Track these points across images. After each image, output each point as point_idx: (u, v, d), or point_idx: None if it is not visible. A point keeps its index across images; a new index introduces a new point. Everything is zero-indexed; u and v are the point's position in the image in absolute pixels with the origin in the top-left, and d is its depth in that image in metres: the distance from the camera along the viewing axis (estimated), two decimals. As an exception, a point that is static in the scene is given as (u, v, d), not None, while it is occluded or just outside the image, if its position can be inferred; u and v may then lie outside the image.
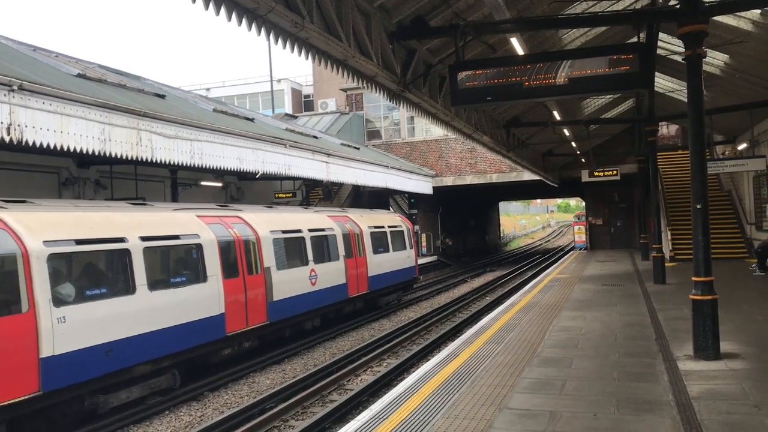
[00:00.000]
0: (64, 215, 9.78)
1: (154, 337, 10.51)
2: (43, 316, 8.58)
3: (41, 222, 9.15)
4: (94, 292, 9.65)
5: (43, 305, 8.60)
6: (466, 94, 8.89)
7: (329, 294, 16.71)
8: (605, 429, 5.90)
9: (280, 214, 15.88)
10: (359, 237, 19.03)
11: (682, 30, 8.45)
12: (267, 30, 7.19)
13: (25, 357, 8.32)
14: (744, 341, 9.30)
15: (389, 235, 21.26)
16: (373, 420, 6.54)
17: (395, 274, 21.29)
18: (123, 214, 10.96)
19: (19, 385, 8.21)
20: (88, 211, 10.36)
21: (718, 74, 17.75)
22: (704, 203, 8.48)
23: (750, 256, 21.77)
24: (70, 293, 9.18)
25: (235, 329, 12.66)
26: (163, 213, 12.02)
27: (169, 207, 12.89)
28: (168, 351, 10.87)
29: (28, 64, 12.53)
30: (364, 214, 20.98)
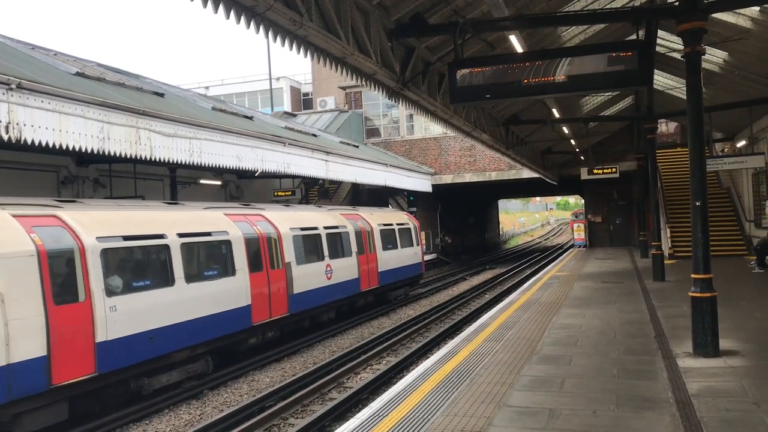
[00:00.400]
0: (110, 213, 10.71)
1: (191, 326, 11.45)
2: (98, 305, 9.55)
3: (92, 220, 10.09)
4: (139, 283, 10.61)
5: (97, 295, 9.57)
6: (465, 91, 8.87)
7: (343, 288, 17.66)
8: (605, 426, 5.91)
9: (298, 213, 16.86)
10: (370, 234, 19.95)
11: (681, 27, 8.44)
12: (265, 28, 7.17)
13: (84, 341, 9.26)
14: (743, 338, 9.31)
15: (397, 232, 22.17)
16: (372, 418, 6.54)
17: (403, 270, 22.21)
18: (161, 212, 11.90)
19: (79, 366, 9.15)
20: (130, 210, 11.36)
21: (717, 71, 17.74)
22: (703, 200, 8.48)
23: (749, 253, 21.78)
24: (119, 285, 10.12)
25: (260, 320, 13.54)
26: (195, 211, 12.92)
27: (199, 206, 13.65)
28: (202, 339, 11.79)
29: (27, 62, 12.51)
30: (374, 212, 21.95)
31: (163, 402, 10.83)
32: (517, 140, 22.32)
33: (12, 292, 8.32)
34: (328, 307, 16.97)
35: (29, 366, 8.42)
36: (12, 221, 8.83)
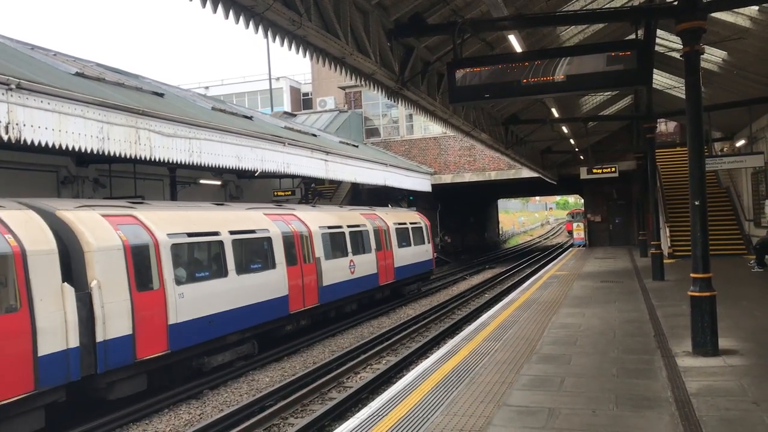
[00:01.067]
0: (173, 213, 12.15)
1: (241, 312, 12.91)
2: (170, 292, 11.07)
3: (161, 219, 11.55)
4: (200, 274, 12.15)
5: (169, 284, 11.10)
6: (464, 91, 8.88)
7: (364, 282, 19.21)
8: (604, 425, 5.91)
9: (324, 212, 18.42)
10: (386, 232, 21.49)
11: (680, 27, 8.45)
12: (265, 28, 7.18)
13: (159, 323, 10.81)
14: (742, 338, 9.31)
15: (411, 230, 23.72)
16: (372, 417, 6.55)
17: (416, 266, 23.71)
18: (213, 212, 13.45)
19: (156, 344, 10.70)
20: (187, 210, 12.82)
21: (717, 71, 17.74)
22: (702, 200, 8.49)
23: (748, 252, 21.79)
24: (184, 275, 11.61)
25: (296, 309, 15.08)
26: (239, 211, 14.38)
27: (242, 206, 15.23)
28: (250, 324, 13.27)
29: (26, 62, 12.51)
30: (389, 212, 23.54)
31: (162, 402, 10.85)
32: (516, 140, 22.32)
33: (106, 279, 9.86)
34: (352, 299, 18.56)
35: (120, 342, 9.99)
36: (102, 221, 10.33)
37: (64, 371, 9.04)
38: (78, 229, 9.83)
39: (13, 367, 8.32)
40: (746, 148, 21.81)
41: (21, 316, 8.50)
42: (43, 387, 8.70)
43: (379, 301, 21.04)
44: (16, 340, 8.39)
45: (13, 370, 8.30)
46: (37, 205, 9.91)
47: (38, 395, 8.67)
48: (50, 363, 8.80)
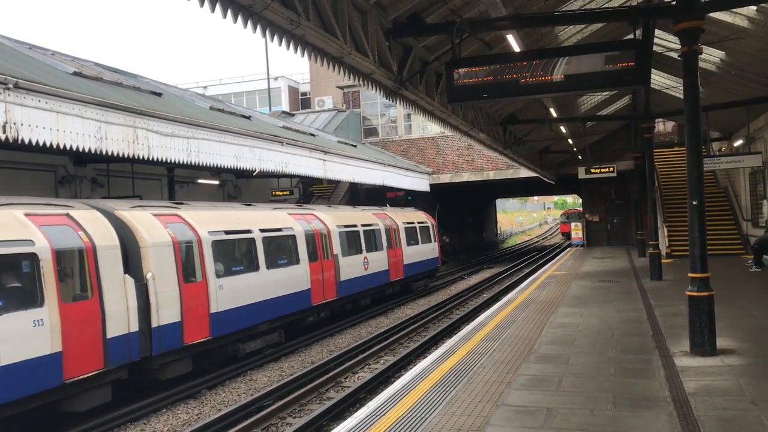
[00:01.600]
0: (211, 213, 13.33)
1: (270, 304, 14.04)
2: (211, 284, 12.21)
3: (202, 218, 12.74)
4: (236, 268, 13.29)
5: (210, 276, 12.25)
6: (462, 91, 8.88)
7: (377, 278, 20.33)
8: (602, 425, 5.92)
9: (340, 212, 19.65)
10: (396, 231, 22.59)
11: (679, 27, 8.46)
12: (263, 27, 7.17)
13: (202, 312, 11.94)
14: (740, 337, 9.33)
15: (418, 229, 24.87)
16: (370, 417, 6.55)
17: (423, 263, 24.90)
18: (244, 212, 14.69)
19: (199, 331, 11.84)
20: (222, 210, 14.03)
21: (714, 71, 17.76)
22: (700, 200, 8.50)
23: (746, 252, 21.82)
24: (223, 269, 12.74)
25: (317, 301, 16.23)
26: (267, 211, 15.58)
27: (267, 207, 16.54)
28: (278, 314, 14.38)
29: (24, 62, 12.49)
30: (398, 211, 24.71)
31: (160, 402, 10.84)
32: (514, 139, 22.33)
33: (159, 272, 11.00)
34: (366, 293, 19.71)
35: (170, 328, 11.09)
36: (154, 219, 11.47)
37: (127, 352, 10.23)
38: (134, 226, 11.03)
39: (88, 347, 9.52)
40: (744, 148, 21.83)
41: (93, 302, 9.75)
42: (111, 365, 9.88)
43: (390, 296, 22.20)
44: (90, 324, 9.61)
45: (88, 350, 9.52)
46: (98, 205, 11.13)
47: (107, 372, 9.88)
48: (116, 344, 10.00)
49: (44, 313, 8.88)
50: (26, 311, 8.68)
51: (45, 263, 9.03)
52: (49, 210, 9.87)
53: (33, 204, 9.85)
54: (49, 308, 8.95)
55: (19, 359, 8.45)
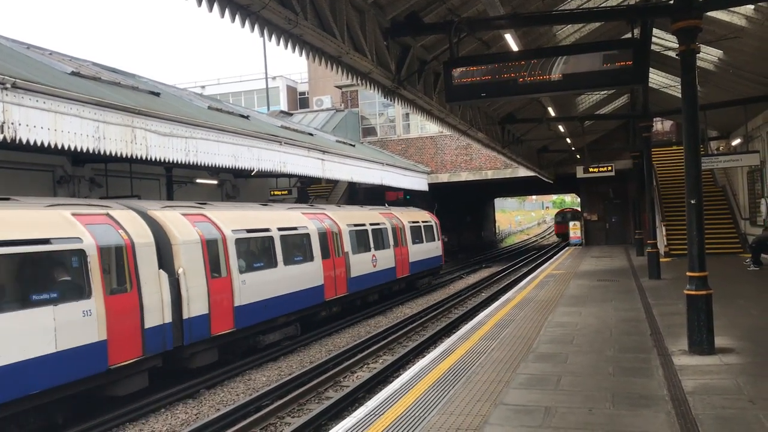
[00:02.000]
0: (233, 213, 14.13)
1: (287, 298, 14.82)
2: (235, 279, 12.99)
3: (225, 217, 13.52)
4: (257, 265, 13.99)
5: (234, 272, 13.00)
6: (460, 90, 8.88)
7: (384, 275, 21.11)
8: (600, 424, 5.92)
9: (350, 212, 20.42)
10: (402, 230, 23.35)
11: (676, 26, 8.46)
12: (261, 27, 7.17)
13: (227, 305, 12.72)
14: (738, 336, 9.34)
15: (423, 228, 25.68)
16: (368, 416, 6.55)
17: (428, 261, 25.74)
18: (262, 212, 15.52)
19: (225, 323, 12.62)
20: (242, 210, 14.88)
21: (712, 70, 17.78)
22: (699, 199, 8.50)
23: (744, 251, 21.83)
24: (245, 265, 13.46)
25: (329, 297, 17.06)
26: (282, 211, 16.43)
27: (282, 207, 17.49)
28: (294, 309, 15.14)
29: (22, 62, 12.47)
30: (404, 211, 25.36)
31: (159, 401, 10.83)
32: (512, 139, 22.33)
33: (189, 267, 11.77)
34: (374, 290, 20.56)
35: (200, 320, 11.89)
36: (183, 219, 12.28)
37: (162, 342, 11.00)
38: (166, 225, 11.80)
39: (129, 336, 10.29)
40: (742, 147, 21.87)
41: (132, 295, 10.53)
42: (148, 354, 10.66)
43: (396, 292, 23.02)
44: (130, 315, 10.38)
45: (128, 339, 10.28)
46: (132, 205, 11.85)
47: (144, 360, 10.64)
48: (153, 334, 10.79)
49: (92, 304, 9.70)
50: (77, 302, 9.48)
51: (92, 259, 9.82)
52: (92, 210, 10.68)
53: (77, 204, 10.73)
54: (96, 300, 9.77)
55: (72, 346, 9.25)
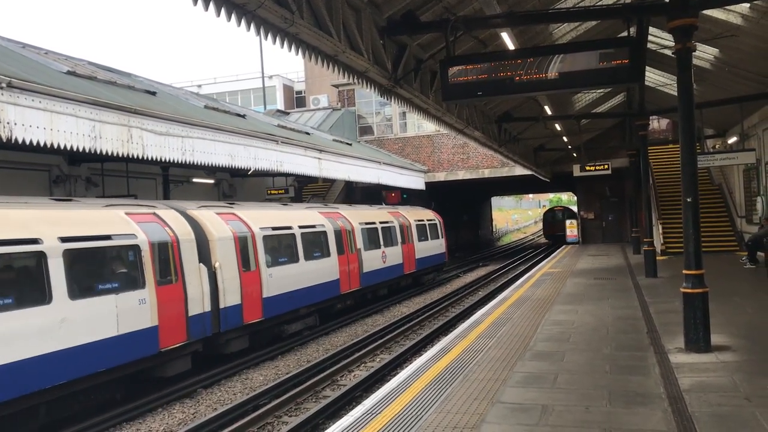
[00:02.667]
0: (259, 211, 15.40)
1: (308, 291, 16.00)
2: (263, 273, 14.14)
3: (253, 216, 14.68)
4: (281, 260, 15.13)
5: (262, 266, 14.16)
6: (457, 89, 8.87)
7: (393, 270, 22.26)
8: (597, 422, 5.93)
9: (361, 211, 21.65)
10: (409, 228, 24.46)
11: (672, 24, 8.47)
12: (256, 26, 7.15)
13: (256, 296, 13.84)
14: (734, 334, 9.36)
15: (428, 226, 26.80)
16: (365, 415, 6.55)
17: (432, 258, 26.90)
18: (284, 211, 16.66)
19: (255, 312, 13.77)
20: (267, 209, 16.31)
21: (708, 68, 17.80)
22: (695, 197, 8.51)
23: (740, 249, 21.88)
24: (271, 260, 14.63)
25: (345, 290, 18.29)
26: (301, 210, 17.68)
27: (300, 206, 18.79)
28: (314, 301, 16.35)
29: (17, 61, 12.44)
30: (410, 210, 26.47)
31: (156, 401, 10.83)
32: (509, 137, 22.34)
33: (224, 262, 12.90)
34: (384, 284, 21.74)
35: (233, 309, 13.03)
36: (218, 217, 13.41)
37: (202, 328, 12.13)
38: (204, 223, 12.91)
39: (175, 322, 11.42)
40: (738, 145, 21.89)
41: (178, 286, 11.66)
42: (191, 339, 11.81)
43: (403, 287, 24.12)
44: (176, 303, 11.53)
45: (175, 325, 11.40)
46: (174, 206, 12.97)
47: (188, 344, 11.81)
48: (195, 321, 11.90)
49: (146, 293, 10.86)
50: (134, 292, 10.66)
51: (145, 253, 10.97)
52: (141, 210, 11.79)
53: (128, 204, 11.91)
54: (149, 290, 10.92)
55: (131, 330, 10.40)
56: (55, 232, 9.50)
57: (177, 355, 11.55)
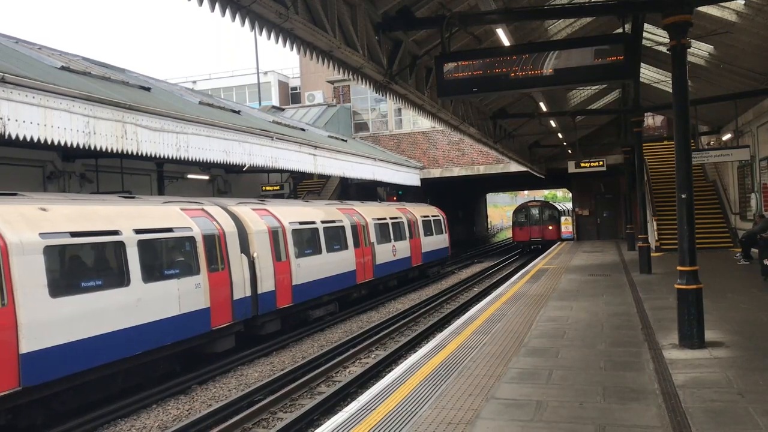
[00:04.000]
0: (288, 208, 16.81)
1: (329, 280, 17.48)
2: (292, 263, 15.61)
3: (283, 211, 16.10)
4: (307, 251, 16.64)
5: (292, 257, 15.62)
6: (452, 85, 8.87)
7: (402, 263, 23.67)
8: (591, 418, 5.94)
9: (373, 207, 23.01)
10: (416, 224, 25.90)
11: (667, 20, 8.47)
12: (251, 21, 7.14)
13: (287, 284, 15.30)
14: (728, 330, 9.39)
15: (432, 222, 28.20)
16: (360, 411, 6.55)
17: (437, 252, 28.38)
18: (307, 207, 17.99)
19: (286, 298, 15.21)
20: (293, 206, 17.57)
21: (703, 65, 17.83)
22: (689, 193, 8.53)
23: (734, 245, 21.95)
24: (298, 251, 16.03)
25: (360, 280, 19.76)
26: (322, 206, 19.11)
27: (322, 203, 20.27)
28: (334, 289, 17.86)
29: (11, 56, 12.38)
30: (416, 207, 27.87)
31: (150, 397, 10.81)
32: (504, 134, 22.36)
33: (260, 252, 14.29)
34: (394, 276, 23.22)
35: (269, 295, 14.47)
36: (254, 213, 14.85)
37: (244, 311, 13.52)
38: (243, 218, 14.25)
39: (223, 305, 12.82)
40: (732, 142, 21.96)
41: (224, 273, 13.04)
42: (236, 320, 13.20)
43: (411, 279, 25.42)
44: (223, 288, 12.90)
45: (223, 307, 12.80)
46: (218, 202, 14.37)
47: (233, 325, 13.20)
48: (238, 304, 13.28)
49: (200, 279, 12.26)
50: (191, 277, 12.05)
51: (199, 244, 12.37)
52: (192, 206, 13.19)
53: (181, 201, 13.25)
54: (203, 276, 12.33)
55: (189, 310, 11.83)
56: (130, 224, 10.96)
57: (224, 334, 12.91)
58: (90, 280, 10.02)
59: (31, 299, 8.82)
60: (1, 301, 8.53)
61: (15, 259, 8.72)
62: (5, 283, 8.60)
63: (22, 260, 8.82)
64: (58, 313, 9.20)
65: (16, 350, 8.57)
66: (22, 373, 8.59)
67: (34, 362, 8.76)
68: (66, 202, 10.49)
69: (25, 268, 8.84)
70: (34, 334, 8.76)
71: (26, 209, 9.48)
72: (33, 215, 9.44)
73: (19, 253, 8.80)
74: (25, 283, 8.78)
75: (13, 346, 8.54)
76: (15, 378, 8.54)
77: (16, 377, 8.54)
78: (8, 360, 8.47)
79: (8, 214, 9.08)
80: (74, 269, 9.91)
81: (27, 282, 8.83)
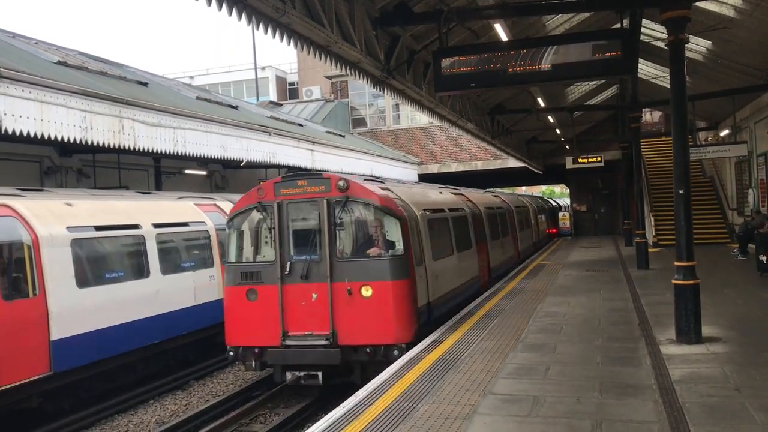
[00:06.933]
0: None
1: None
2: None
3: None
4: None
5: None
6: (449, 80, 8.85)
7: None
8: (588, 413, 5.95)
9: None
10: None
11: (665, 16, 8.46)
12: (248, 15, 7.11)
13: None
14: (725, 325, 9.41)
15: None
16: (358, 406, 6.56)
17: None
18: None
19: None
20: None
21: (701, 60, 17.82)
22: (687, 189, 8.53)
23: (732, 241, 21.97)
24: None
25: None
26: None
27: None
28: None
29: (7, 51, 12.33)
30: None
31: (148, 393, 10.81)
32: (502, 129, 22.35)
33: None
34: None
35: None
36: None
37: None
38: None
39: None
40: (730, 138, 21.96)
41: None
42: None
43: None
44: None
45: None
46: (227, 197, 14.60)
47: None
48: None
49: (214, 271, 12.82)
50: (206, 270, 12.71)
51: (212, 238, 12.95)
52: (205, 201, 13.80)
53: (195, 197, 13.91)
54: (216, 268, 12.83)
55: (204, 301, 12.34)
56: (149, 219, 11.53)
57: None
58: (113, 272, 10.62)
59: (60, 289, 9.36)
60: (33, 291, 9.07)
61: (45, 251, 9.21)
62: (37, 274, 9.11)
63: (52, 253, 9.31)
64: (85, 302, 9.79)
65: (48, 337, 9.11)
66: (53, 358, 9.13)
67: (64, 349, 9.32)
68: (88, 198, 11.12)
69: (55, 260, 9.34)
70: (63, 322, 9.32)
71: (53, 204, 9.97)
72: (60, 210, 9.93)
73: (49, 246, 9.29)
74: (54, 275, 9.29)
75: (45, 333, 9.09)
76: (47, 363, 9.08)
77: (47, 363, 9.08)
78: (40, 346, 9.03)
79: (38, 209, 9.54)
80: (98, 261, 10.45)
81: (56, 273, 9.34)
